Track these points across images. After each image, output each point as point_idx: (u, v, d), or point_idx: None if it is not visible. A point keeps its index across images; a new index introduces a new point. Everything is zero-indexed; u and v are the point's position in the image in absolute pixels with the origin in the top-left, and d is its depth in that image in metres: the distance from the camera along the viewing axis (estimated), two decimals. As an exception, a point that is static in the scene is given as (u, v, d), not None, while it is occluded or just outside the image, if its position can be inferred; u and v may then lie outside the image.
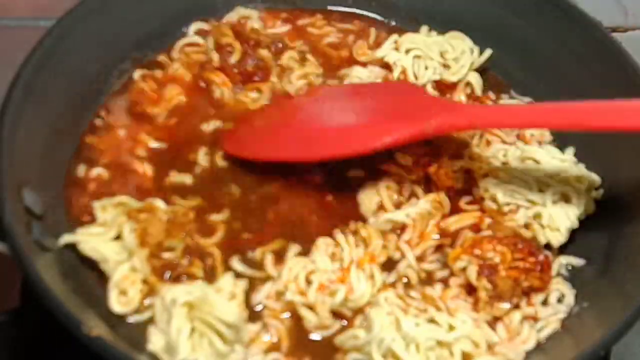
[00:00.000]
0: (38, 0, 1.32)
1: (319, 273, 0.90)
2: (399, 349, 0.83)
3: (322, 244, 0.94)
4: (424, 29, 1.18)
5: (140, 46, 1.10)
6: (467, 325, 0.87)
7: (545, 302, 0.94)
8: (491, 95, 1.14)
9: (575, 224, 0.97)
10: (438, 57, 1.14)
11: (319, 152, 0.98)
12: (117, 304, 0.85)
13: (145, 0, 1.09)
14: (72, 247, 0.88)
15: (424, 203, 0.98)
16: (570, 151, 1.05)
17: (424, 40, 1.15)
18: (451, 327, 0.86)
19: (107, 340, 0.76)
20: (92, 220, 0.91)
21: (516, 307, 0.92)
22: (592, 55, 1.08)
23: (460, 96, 1.13)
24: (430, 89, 1.12)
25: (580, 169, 1.02)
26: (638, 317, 0.84)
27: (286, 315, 0.90)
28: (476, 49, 1.15)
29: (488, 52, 1.15)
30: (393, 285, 0.93)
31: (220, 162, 1.01)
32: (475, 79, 1.14)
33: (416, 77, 1.13)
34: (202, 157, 1.01)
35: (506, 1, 1.15)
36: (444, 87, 1.13)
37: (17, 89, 0.89)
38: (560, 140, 1.08)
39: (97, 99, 1.05)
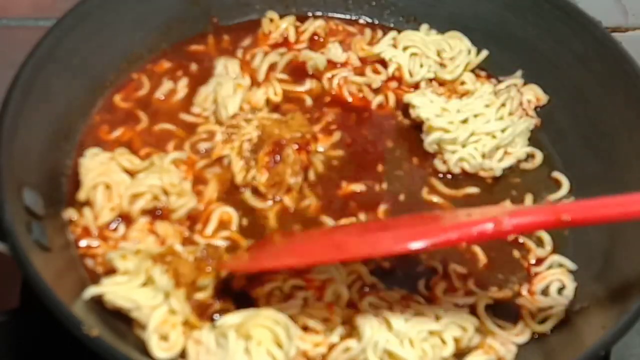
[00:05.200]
0: (38, 0, 1.32)
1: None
2: (395, 347, 0.84)
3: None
4: (424, 27, 1.19)
5: (140, 46, 1.10)
6: (451, 312, 0.88)
7: (545, 292, 0.95)
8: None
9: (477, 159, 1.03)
10: (435, 55, 1.15)
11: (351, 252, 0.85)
12: (159, 350, 0.82)
13: (145, 0, 1.09)
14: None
15: None
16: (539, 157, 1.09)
17: (422, 38, 1.16)
18: (437, 317, 0.87)
19: (107, 340, 0.76)
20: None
21: (517, 294, 0.95)
22: (592, 55, 1.08)
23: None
24: (423, 85, 1.14)
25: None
26: (638, 317, 0.84)
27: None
28: (473, 50, 1.16)
29: (484, 53, 1.16)
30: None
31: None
32: (470, 79, 1.14)
33: (411, 75, 1.14)
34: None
35: (506, 1, 1.15)
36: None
37: (17, 89, 0.89)
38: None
39: (97, 99, 1.05)
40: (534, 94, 1.13)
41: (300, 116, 1.04)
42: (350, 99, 1.12)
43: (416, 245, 0.78)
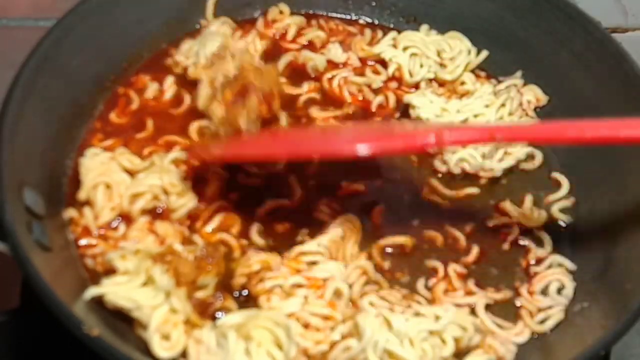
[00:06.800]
0: (38, 0, 1.33)
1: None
2: (395, 347, 0.84)
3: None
4: (424, 27, 1.19)
5: (140, 46, 1.10)
6: (451, 312, 0.88)
7: (545, 292, 0.96)
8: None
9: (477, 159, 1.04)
10: (435, 55, 1.15)
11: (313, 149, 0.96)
12: (161, 350, 0.82)
13: (145, 0, 1.09)
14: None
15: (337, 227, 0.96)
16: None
17: (422, 38, 1.16)
18: (437, 317, 0.87)
19: (108, 340, 0.76)
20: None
21: (516, 294, 0.95)
22: (592, 55, 1.08)
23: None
24: (423, 85, 1.14)
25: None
26: (638, 317, 0.84)
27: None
28: (473, 50, 1.16)
29: (484, 54, 1.16)
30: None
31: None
32: (470, 80, 1.14)
33: (411, 75, 1.14)
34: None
35: (506, 2, 1.15)
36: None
37: (17, 89, 0.89)
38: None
39: (98, 99, 1.05)
40: (533, 95, 1.13)
41: (276, 72, 1.06)
42: (350, 100, 1.12)
43: (363, 149, 0.86)
